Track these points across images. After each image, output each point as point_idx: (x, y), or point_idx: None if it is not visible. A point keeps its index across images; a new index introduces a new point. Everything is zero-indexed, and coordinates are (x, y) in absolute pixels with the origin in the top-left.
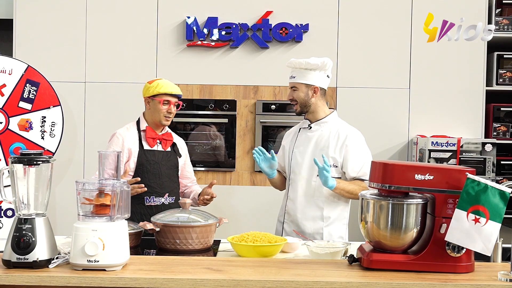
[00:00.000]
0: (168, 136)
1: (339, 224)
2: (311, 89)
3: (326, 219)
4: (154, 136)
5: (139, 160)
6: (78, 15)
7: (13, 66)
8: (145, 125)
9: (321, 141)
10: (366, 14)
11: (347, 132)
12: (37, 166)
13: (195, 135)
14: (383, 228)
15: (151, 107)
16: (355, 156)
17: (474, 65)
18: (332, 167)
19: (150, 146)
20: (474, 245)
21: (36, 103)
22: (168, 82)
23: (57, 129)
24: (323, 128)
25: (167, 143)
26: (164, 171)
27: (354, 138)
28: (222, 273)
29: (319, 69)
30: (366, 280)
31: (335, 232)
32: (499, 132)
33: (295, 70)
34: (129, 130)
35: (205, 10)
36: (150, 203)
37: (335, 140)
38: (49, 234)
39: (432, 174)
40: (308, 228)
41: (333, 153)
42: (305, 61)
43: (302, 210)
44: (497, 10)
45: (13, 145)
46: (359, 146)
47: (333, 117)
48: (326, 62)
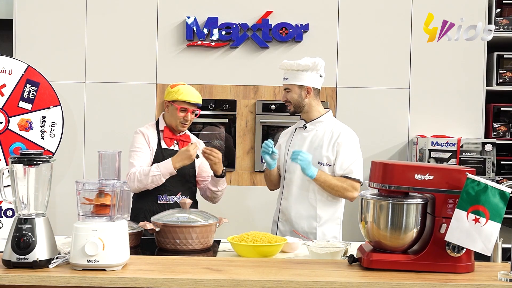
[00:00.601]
0: (185, 138)
1: (332, 224)
2: (304, 89)
3: (320, 218)
4: (171, 137)
5: (156, 158)
6: (78, 15)
7: (13, 66)
8: (164, 125)
9: (316, 140)
10: (366, 14)
11: (340, 131)
12: (37, 166)
13: (195, 135)
14: (383, 228)
15: (170, 111)
16: (344, 154)
17: (474, 65)
18: (325, 166)
19: (167, 146)
20: (474, 245)
21: (36, 103)
22: (189, 89)
23: (57, 129)
24: (318, 127)
25: (184, 144)
26: (179, 171)
27: (346, 136)
28: (222, 273)
29: (311, 70)
30: (366, 280)
31: (329, 232)
32: (499, 132)
33: (287, 71)
34: (149, 129)
35: (205, 10)
36: (162, 201)
37: (328, 139)
38: (49, 234)
39: (432, 174)
40: (301, 227)
41: (326, 151)
42: (296, 62)
43: (296, 209)
44: (497, 10)
45: (13, 145)
46: (350, 145)
47: (328, 117)
48: (317, 62)
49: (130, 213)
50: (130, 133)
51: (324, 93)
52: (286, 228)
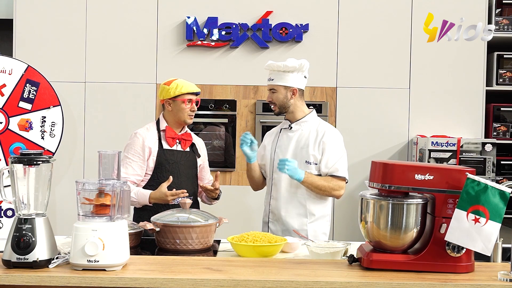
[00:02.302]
0: (187, 136)
1: (322, 220)
2: (289, 90)
3: (310, 215)
4: (173, 136)
5: (158, 160)
6: (78, 15)
7: (13, 66)
8: (165, 125)
9: (302, 140)
10: (366, 14)
11: (325, 130)
12: (37, 166)
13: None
14: (383, 228)
15: (173, 108)
16: (329, 152)
17: (474, 65)
18: (312, 165)
19: (169, 146)
20: (474, 245)
21: (36, 103)
22: (185, 81)
23: (57, 129)
24: (303, 127)
25: (187, 143)
26: (183, 171)
27: (330, 135)
28: (222, 273)
29: (296, 71)
30: (366, 280)
31: (319, 228)
32: (499, 132)
33: (273, 72)
34: (149, 131)
35: (205, 10)
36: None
37: (313, 138)
38: (49, 234)
39: (432, 174)
40: (292, 225)
41: (313, 150)
42: (283, 64)
43: (286, 208)
44: (497, 10)
45: (13, 145)
46: (335, 143)
47: (312, 117)
48: (303, 64)
49: (135, 213)
50: (130, 133)
51: (324, 93)
52: (278, 228)
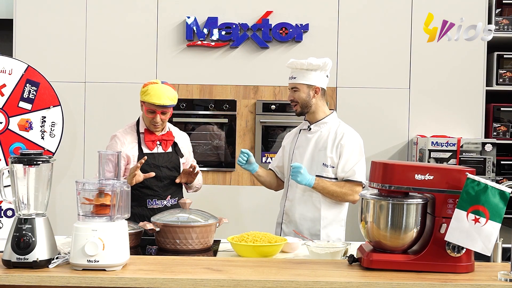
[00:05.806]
0: (168, 136)
1: (336, 225)
2: (312, 89)
3: (324, 220)
4: (153, 139)
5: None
6: (78, 15)
7: (13, 66)
8: (144, 127)
9: (320, 141)
10: (366, 14)
11: (343, 132)
12: (37, 166)
13: (195, 135)
14: (383, 228)
15: (142, 111)
16: (347, 155)
17: (474, 65)
18: (329, 168)
19: (149, 150)
20: (474, 245)
21: (36, 103)
22: (158, 90)
23: (57, 129)
24: (322, 129)
25: (168, 144)
26: (166, 173)
27: (349, 138)
28: (222, 273)
29: (319, 69)
30: (366, 280)
31: (333, 234)
32: (499, 132)
33: (295, 70)
34: (128, 134)
35: (205, 10)
36: (152, 205)
37: (332, 140)
38: (49, 234)
39: (432, 174)
40: (306, 229)
41: (331, 153)
42: (307, 61)
43: (300, 211)
44: (497, 10)
45: (13, 145)
46: (353, 146)
47: (332, 118)
48: (327, 62)
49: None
50: None
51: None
52: (290, 229)
